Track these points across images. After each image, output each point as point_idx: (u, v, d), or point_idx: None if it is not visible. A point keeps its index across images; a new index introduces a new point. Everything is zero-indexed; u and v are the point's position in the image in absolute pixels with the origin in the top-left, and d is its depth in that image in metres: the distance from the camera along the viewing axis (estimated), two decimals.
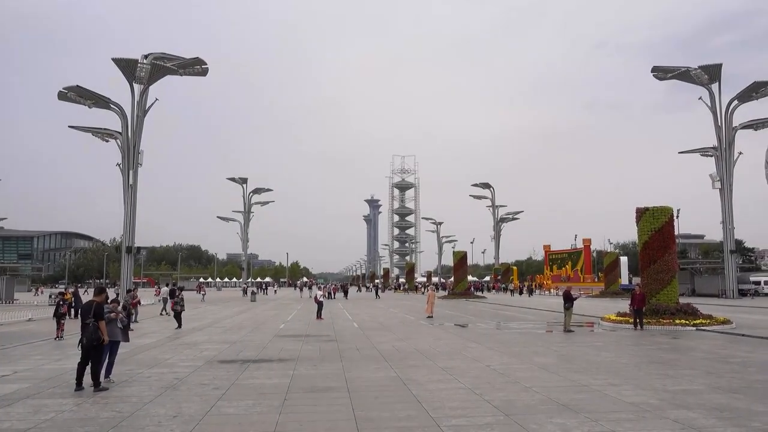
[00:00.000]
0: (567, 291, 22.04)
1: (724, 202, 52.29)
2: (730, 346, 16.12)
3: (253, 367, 12.54)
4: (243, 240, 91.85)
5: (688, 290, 56.05)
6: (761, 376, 11.01)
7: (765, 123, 54.97)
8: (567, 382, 10.56)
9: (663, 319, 21.24)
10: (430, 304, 29.36)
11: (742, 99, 51.53)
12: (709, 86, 52.19)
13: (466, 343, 17.05)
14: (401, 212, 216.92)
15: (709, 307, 30.97)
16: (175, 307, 22.74)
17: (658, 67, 53.10)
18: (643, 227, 23.13)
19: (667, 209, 23.17)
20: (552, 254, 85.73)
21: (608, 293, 55.29)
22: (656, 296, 22.28)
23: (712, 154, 53.45)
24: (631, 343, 17.19)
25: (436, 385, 10.34)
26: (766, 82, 50.84)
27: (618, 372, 11.61)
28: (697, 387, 9.97)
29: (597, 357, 13.92)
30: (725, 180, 51.90)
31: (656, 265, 22.48)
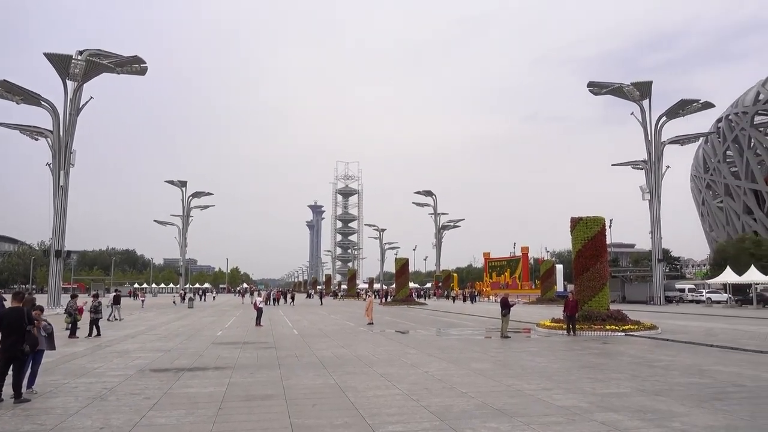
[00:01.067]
0: (504, 298, 22.54)
1: (653, 213, 54.78)
2: (655, 350, 16.88)
3: (187, 376, 12.20)
4: (181, 245, 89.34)
5: (619, 297, 58.32)
6: (682, 379, 11.58)
7: (690, 139, 58.13)
8: (502, 387, 10.79)
9: (594, 324, 22.04)
10: (369, 310, 29.41)
11: (670, 115, 54.24)
12: (640, 102, 54.64)
13: (406, 350, 17.17)
14: (344, 218, 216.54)
15: (638, 313, 32.32)
16: (94, 315, 21.74)
17: (593, 82, 55.20)
18: (576, 236, 23.97)
19: (599, 219, 24.10)
20: (491, 262, 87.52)
21: (544, 300, 56.86)
22: (588, 303, 23.10)
23: (643, 167, 55.94)
24: (564, 348, 17.74)
25: (374, 391, 10.35)
26: (692, 101, 53.71)
27: (551, 376, 11.96)
28: (623, 390, 10.39)
29: (531, 362, 14.30)
30: (654, 192, 54.41)
31: (589, 272, 23.33)
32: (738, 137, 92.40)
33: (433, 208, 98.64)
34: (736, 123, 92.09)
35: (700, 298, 56.57)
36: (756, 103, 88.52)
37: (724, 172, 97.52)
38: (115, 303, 32.01)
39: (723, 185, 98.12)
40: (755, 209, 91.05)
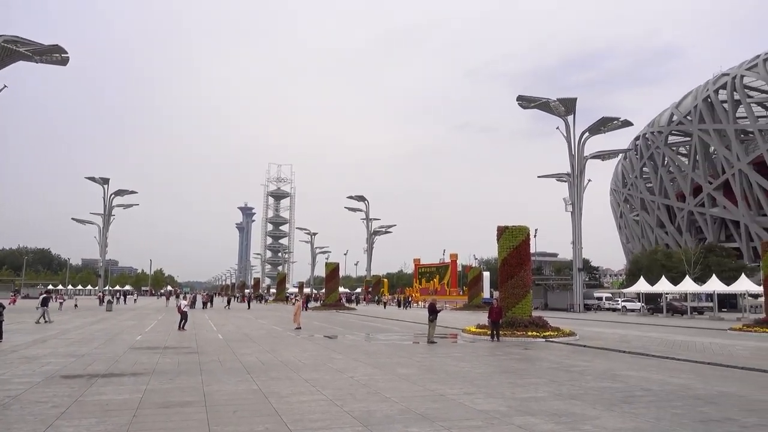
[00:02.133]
0: (432, 304, 22.86)
1: (575, 224, 57.18)
2: (573, 356, 17.58)
3: (101, 382, 11.64)
4: (101, 245, 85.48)
5: (542, 304, 60.40)
6: (596, 384, 12.11)
7: (610, 155, 61.15)
8: (426, 391, 10.92)
9: (517, 331, 22.72)
10: (297, 315, 29.13)
11: (593, 131, 56.88)
12: (565, 118, 57.00)
13: (332, 355, 17.09)
14: (275, 221, 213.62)
15: (558, 320, 33.61)
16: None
17: (522, 96, 57.13)
18: (503, 245, 24.66)
19: (524, 228, 24.90)
20: (421, 268, 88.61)
21: (471, 306, 58.11)
22: (512, 309, 23.80)
23: (566, 180, 58.33)
24: (488, 353, 18.18)
25: (298, 397, 10.24)
26: (613, 118, 56.56)
27: (473, 381, 12.22)
28: (541, 394, 10.75)
29: (455, 367, 14.56)
30: (576, 204, 56.81)
31: (513, 280, 24.05)
32: (653, 155, 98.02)
33: (365, 213, 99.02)
34: (652, 141, 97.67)
35: (616, 306, 59.43)
36: (670, 124, 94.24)
37: (640, 188, 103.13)
38: (44, 305, 30.55)
39: (639, 200, 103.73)
40: (667, 223, 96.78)
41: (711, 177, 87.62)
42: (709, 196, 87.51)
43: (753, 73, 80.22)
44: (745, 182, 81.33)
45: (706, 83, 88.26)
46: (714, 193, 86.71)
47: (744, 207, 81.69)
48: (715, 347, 20.77)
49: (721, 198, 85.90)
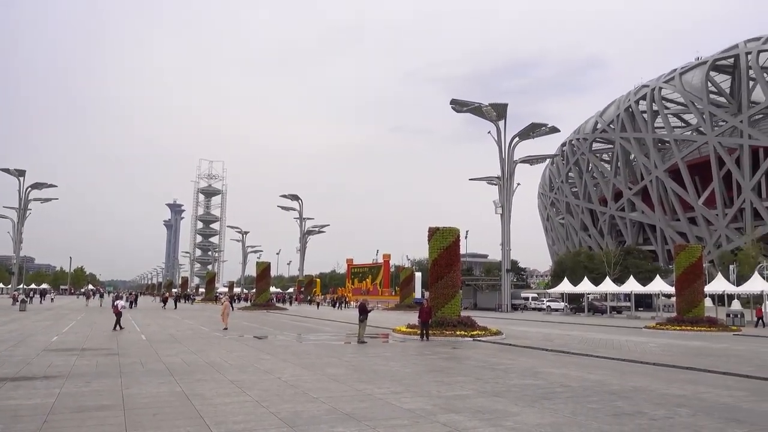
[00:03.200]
0: (362, 304, 22.92)
1: (504, 227, 58.79)
2: (498, 354, 18.06)
3: (9, 387, 10.97)
4: (15, 240, 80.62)
5: (471, 304, 61.78)
6: (519, 381, 12.49)
7: (538, 160, 63.28)
8: (354, 391, 10.93)
9: (446, 330, 23.12)
10: (224, 315, 28.51)
11: (522, 137, 58.67)
12: (496, 122, 58.50)
13: (260, 355, 16.83)
14: (206, 219, 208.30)
15: (486, 319, 34.45)
16: None
17: (455, 100, 58.18)
18: (433, 245, 25.04)
19: (454, 230, 25.37)
20: (354, 268, 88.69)
21: (403, 306, 58.66)
22: (441, 309, 24.19)
23: (497, 183, 59.89)
24: (416, 353, 18.41)
25: (223, 399, 10.01)
26: (541, 125, 58.53)
27: (401, 380, 12.33)
28: (466, 392, 10.98)
29: (384, 367, 14.65)
30: (505, 206, 58.44)
31: (443, 280, 24.46)
32: (579, 161, 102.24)
33: (298, 212, 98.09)
34: (577, 148, 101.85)
35: (541, 306, 61.52)
36: (594, 132, 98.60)
37: (566, 192, 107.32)
38: None
39: (565, 203, 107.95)
40: (590, 227, 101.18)
41: (631, 183, 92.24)
42: (629, 201, 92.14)
43: (670, 86, 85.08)
44: (662, 189, 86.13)
45: (628, 94, 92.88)
46: (633, 198, 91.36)
47: (660, 212, 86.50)
48: (631, 345, 21.88)
49: (640, 203, 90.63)
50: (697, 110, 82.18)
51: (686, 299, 32.00)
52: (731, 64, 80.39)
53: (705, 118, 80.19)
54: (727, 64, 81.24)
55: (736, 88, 79.91)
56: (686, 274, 32.37)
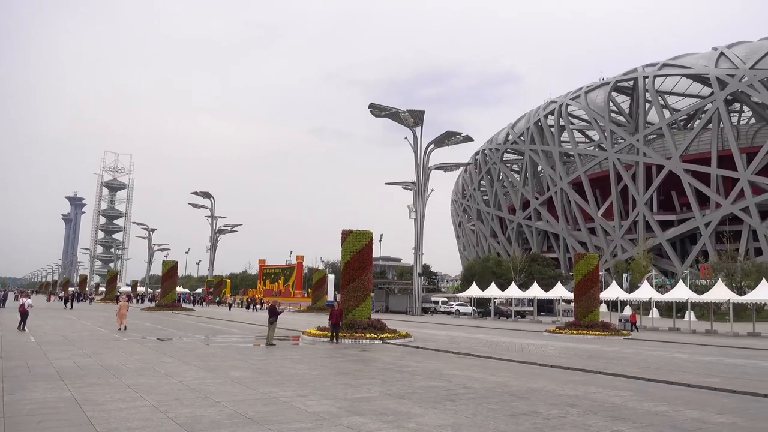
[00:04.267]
0: (273, 305, 22.56)
1: (417, 231, 59.82)
2: (406, 357, 18.32)
3: None
4: None
5: (383, 307, 62.37)
6: (424, 383, 12.73)
7: (452, 167, 64.93)
8: (258, 395, 10.73)
9: (356, 333, 23.20)
10: (120, 315, 27.16)
11: (437, 144, 59.97)
12: (413, 129, 59.45)
13: (162, 358, 16.16)
14: (109, 214, 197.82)
15: (397, 322, 34.89)
16: None
17: (374, 104, 58.60)
18: (346, 248, 25.08)
19: (367, 233, 25.53)
20: (266, 269, 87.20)
21: (315, 308, 58.29)
22: (352, 312, 24.26)
23: (411, 188, 60.86)
24: (326, 355, 18.34)
25: (117, 404, 9.51)
26: (456, 133, 60.09)
27: (308, 383, 12.24)
28: (372, 394, 11.06)
29: (292, 369, 14.48)
30: (419, 212, 59.48)
31: (355, 283, 24.55)
32: (490, 170, 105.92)
33: (210, 210, 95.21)
34: (489, 157, 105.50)
35: (450, 309, 63.09)
36: (506, 142, 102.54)
37: (477, 199, 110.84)
38: None
39: (476, 210, 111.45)
40: (499, 233, 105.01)
41: (538, 193, 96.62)
42: (536, 211, 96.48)
43: (576, 103, 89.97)
44: (565, 200, 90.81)
45: (538, 108, 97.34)
46: (540, 207, 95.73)
47: (563, 222, 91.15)
48: (532, 347, 22.88)
49: (546, 212, 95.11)
50: (599, 127, 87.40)
51: (583, 305, 33.87)
52: (631, 86, 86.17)
53: (606, 135, 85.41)
54: (627, 86, 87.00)
55: (635, 108, 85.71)
56: (584, 281, 34.28)
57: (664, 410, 10.22)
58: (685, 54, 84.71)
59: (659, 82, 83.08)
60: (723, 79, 73.59)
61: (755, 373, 16.39)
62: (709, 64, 76.69)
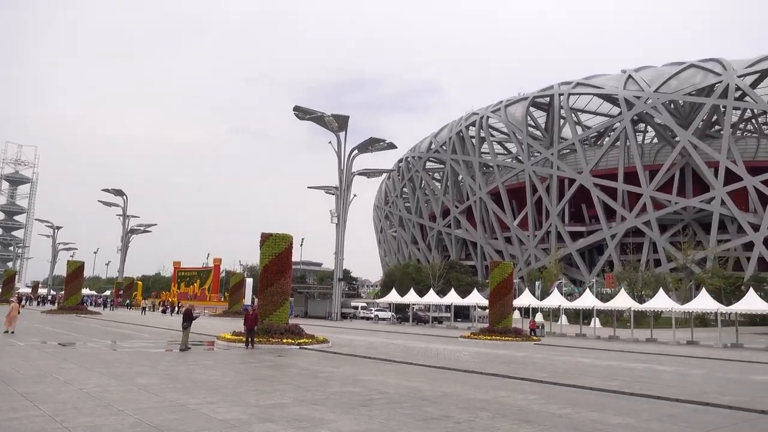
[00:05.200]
0: (188, 310, 21.86)
1: (338, 236, 59.76)
2: (323, 362, 18.22)
3: None
4: None
5: (302, 312, 61.77)
6: (339, 389, 12.69)
7: (375, 173, 65.44)
8: (166, 402, 10.32)
9: (273, 338, 22.84)
10: (10, 317, 25.41)
11: (361, 150, 60.25)
12: (338, 133, 59.45)
13: (63, 364, 15.23)
14: (9, 210, 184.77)
15: (316, 327, 34.65)
16: None
17: (299, 107, 58.14)
18: (265, 251, 24.67)
19: (287, 237, 25.23)
20: (181, 271, 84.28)
21: (231, 313, 56.89)
22: (270, 317, 23.87)
23: (334, 193, 60.77)
24: (239, 361, 17.91)
25: (7, 414, 8.86)
26: (380, 140, 60.62)
27: (219, 389, 11.90)
28: (285, 401, 10.90)
29: (203, 375, 14.04)
30: (341, 216, 59.47)
31: (273, 287, 24.17)
32: (413, 177, 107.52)
33: (122, 209, 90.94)
34: (412, 165, 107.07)
35: (369, 315, 63.31)
36: (428, 151, 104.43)
37: (399, 206, 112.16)
38: None
39: (398, 217, 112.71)
40: (420, 240, 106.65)
41: (458, 202, 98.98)
42: (455, 219, 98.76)
43: (496, 116, 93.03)
44: (484, 209, 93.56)
45: (460, 119, 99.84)
46: (459, 216, 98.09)
47: (481, 230, 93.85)
48: (446, 353, 23.36)
49: (465, 221, 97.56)
50: (517, 140, 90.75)
51: (497, 311, 34.98)
52: (547, 102, 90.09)
53: (523, 148, 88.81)
54: (544, 102, 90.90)
55: (550, 124, 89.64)
56: (499, 288, 35.43)
57: (568, 413, 10.71)
58: (597, 74, 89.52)
59: (573, 100, 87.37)
60: (630, 100, 78.40)
61: (650, 376, 17.49)
62: (619, 86, 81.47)
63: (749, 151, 75.10)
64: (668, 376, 17.79)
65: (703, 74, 76.46)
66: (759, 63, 74.18)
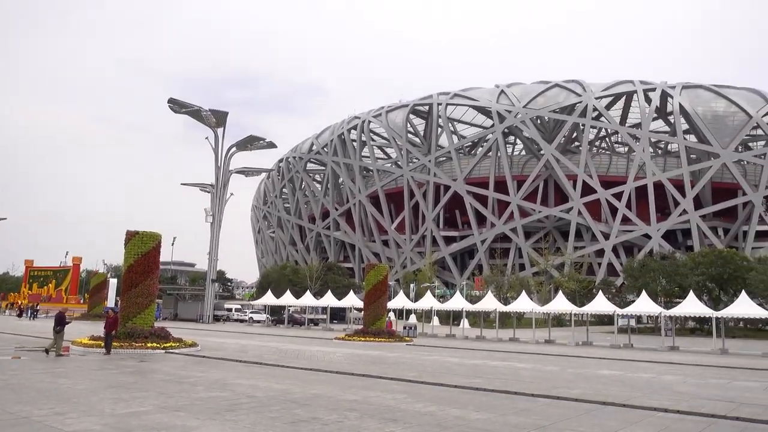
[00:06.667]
0: (60, 313, 20.39)
1: (213, 236, 57.69)
2: (190, 367, 17.44)
3: None
4: None
5: (171, 315, 58.84)
6: (206, 394, 12.22)
7: (254, 172, 64.05)
8: (6, 415, 9.35)
9: (136, 342, 21.51)
10: None
11: (240, 147, 58.65)
12: (215, 129, 57.39)
13: None
14: None
15: (185, 331, 33.16)
16: None
17: (174, 99, 55.42)
18: (130, 250, 23.20)
19: (156, 235, 23.91)
20: (34, 271, 77.09)
21: (92, 316, 52.97)
22: (133, 320, 22.47)
23: (210, 191, 58.57)
24: (96, 367, 16.67)
25: None
26: (260, 138, 59.38)
27: (70, 399, 10.99)
28: (145, 408, 10.29)
29: (52, 384, 12.90)
30: (216, 215, 57.45)
31: (137, 288, 22.79)
32: (293, 178, 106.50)
33: None
34: (293, 165, 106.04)
35: (244, 317, 61.70)
36: (310, 152, 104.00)
37: (278, 207, 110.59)
38: None
39: (277, 218, 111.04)
40: (298, 242, 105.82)
41: (338, 204, 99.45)
42: (335, 221, 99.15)
43: (377, 121, 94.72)
44: (363, 212, 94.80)
45: (342, 122, 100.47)
46: (338, 218, 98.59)
47: (360, 233, 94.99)
48: (320, 355, 23.32)
49: (344, 223, 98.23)
50: (397, 146, 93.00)
51: (372, 313, 35.53)
52: (426, 111, 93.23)
53: (403, 153, 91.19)
54: (423, 110, 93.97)
55: (429, 131, 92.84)
56: (374, 290, 36.01)
57: (432, 410, 11.09)
58: (474, 87, 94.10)
59: (451, 110, 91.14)
60: (502, 113, 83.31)
61: (510, 373, 18.62)
62: (492, 99, 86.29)
63: (603, 167, 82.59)
64: (526, 373, 19.03)
65: (566, 94, 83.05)
66: (614, 87, 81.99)
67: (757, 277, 45.32)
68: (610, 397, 13.34)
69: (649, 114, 78.58)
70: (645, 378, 18.41)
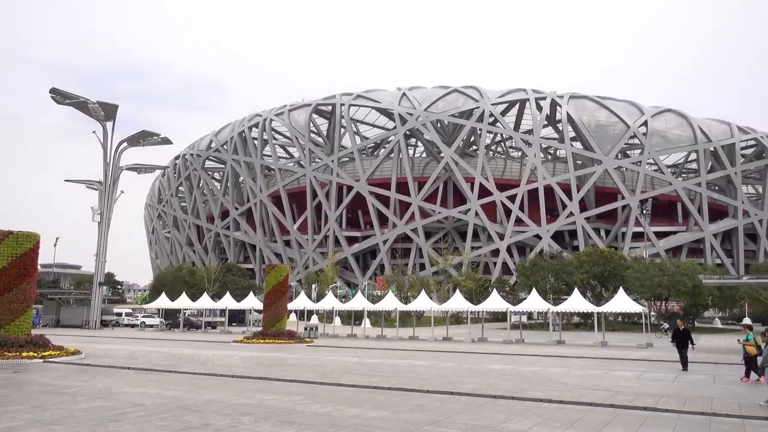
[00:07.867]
0: None
1: (101, 236, 54.34)
2: (71, 376, 16.29)
3: None
4: None
5: (53, 321, 54.83)
6: (87, 404, 11.44)
7: (147, 169, 61.03)
8: None
9: (9, 352, 19.76)
10: None
11: (132, 143, 55.69)
12: (104, 123, 54.13)
13: None
14: None
15: (68, 337, 30.99)
16: None
17: (57, 90, 51.67)
18: (2, 252, 21.26)
19: (33, 235, 22.12)
20: None
21: None
22: (6, 327, 20.65)
23: (98, 188, 55.14)
24: None
25: None
26: (154, 133, 56.68)
27: None
28: (17, 423, 9.47)
29: None
30: (105, 214, 54.19)
31: (12, 293, 20.96)
32: (190, 176, 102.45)
33: None
34: (190, 163, 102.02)
35: (135, 322, 58.63)
36: (208, 150, 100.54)
37: (174, 206, 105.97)
38: None
39: (172, 217, 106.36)
40: (196, 242, 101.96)
41: (238, 203, 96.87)
42: (234, 221, 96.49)
43: (280, 119, 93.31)
44: (264, 212, 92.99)
45: (243, 119, 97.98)
46: (239, 218, 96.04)
47: (261, 233, 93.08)
48: (216, 358, 22.58)
49: (244, 223, 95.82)
50: (299, 145, 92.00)
51: (272, 314, 34.93)
52: (329, 111, 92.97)
53: (305, 153, 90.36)
54: (326, 110, 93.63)
55: (332, 131, 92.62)
56: (274, 291, 35.42)
57: (329, 411, 11.05)
58: (377, 89, 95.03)
59: (354, 111, 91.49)
60: (404, 116, 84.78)
61: (408, 371, 18.96)
62: (394, 102, 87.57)
63: (498, 170, 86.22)
64: (423, 370, 19.46)
65: (464, 99, 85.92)
66: (508, 94, 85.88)
67: (633, 275, 49.16)
68: (500, 391, 13.92)
69: (540, 121, 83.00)
70: (533, 371, 19.40)
